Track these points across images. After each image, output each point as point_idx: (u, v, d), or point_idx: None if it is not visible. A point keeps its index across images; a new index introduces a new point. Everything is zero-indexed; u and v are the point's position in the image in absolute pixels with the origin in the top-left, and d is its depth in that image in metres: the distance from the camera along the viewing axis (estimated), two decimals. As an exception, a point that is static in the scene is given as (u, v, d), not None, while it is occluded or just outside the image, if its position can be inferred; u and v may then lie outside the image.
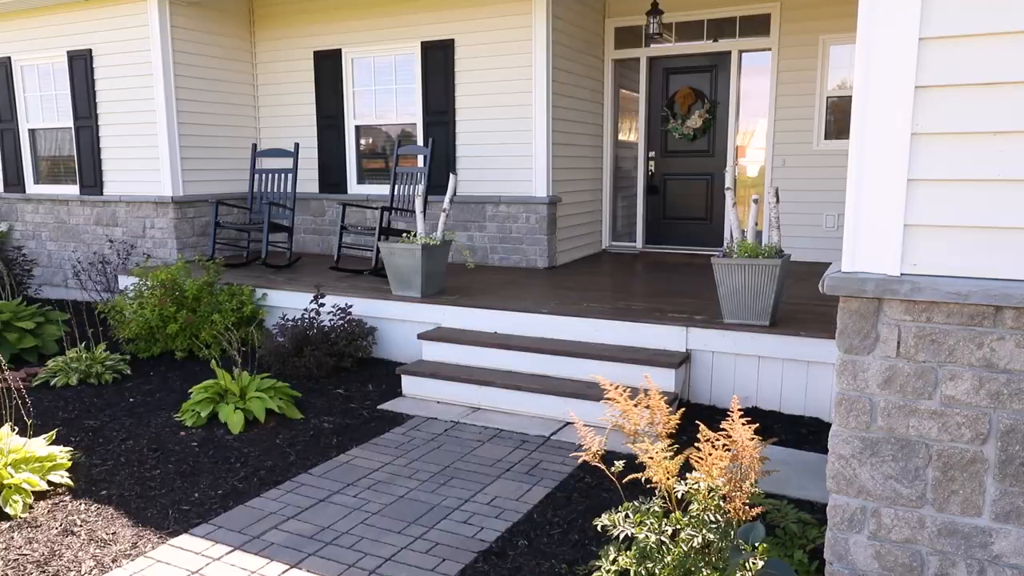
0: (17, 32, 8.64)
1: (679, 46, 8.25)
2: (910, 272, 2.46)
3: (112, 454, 4.31)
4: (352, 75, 8.26)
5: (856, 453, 2.56)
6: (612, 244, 8.94)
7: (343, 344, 5.75)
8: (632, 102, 8.76)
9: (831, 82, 7.57)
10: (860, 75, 2.43)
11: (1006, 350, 2.34)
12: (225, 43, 8.45)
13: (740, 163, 8.32)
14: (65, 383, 5.52)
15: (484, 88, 7.47)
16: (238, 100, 8.67)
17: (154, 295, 6.17)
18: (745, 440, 2.61)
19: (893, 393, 2.49)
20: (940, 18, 2.32)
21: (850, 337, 2.53)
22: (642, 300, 5.74)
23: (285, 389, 4.98)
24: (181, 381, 5.67)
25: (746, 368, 4.84)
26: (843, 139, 7.60)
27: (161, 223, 8.05)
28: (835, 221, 7.65)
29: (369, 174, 8.45)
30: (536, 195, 7.37)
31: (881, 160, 2.43)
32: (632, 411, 2.86)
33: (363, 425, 4.75)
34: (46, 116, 8.75)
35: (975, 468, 2.41)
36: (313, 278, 6.85)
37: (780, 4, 7.62)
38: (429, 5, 7.62)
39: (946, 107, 2.36)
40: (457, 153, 7.70)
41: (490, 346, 5.28)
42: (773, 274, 4.64)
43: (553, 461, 4.16)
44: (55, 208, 8.87)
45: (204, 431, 4.64)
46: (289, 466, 4.12)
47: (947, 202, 2.39)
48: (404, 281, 5.93)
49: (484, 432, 4.62)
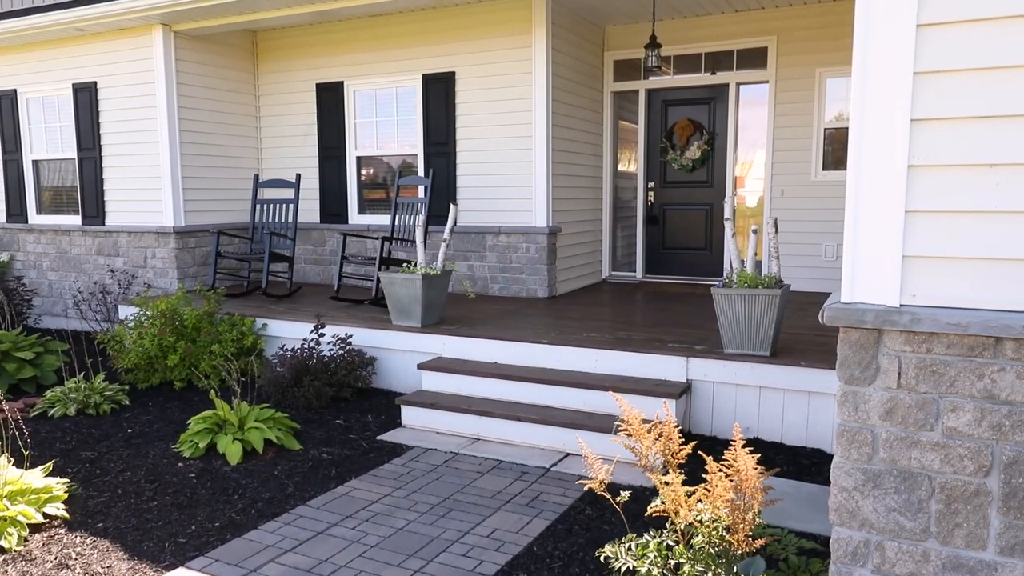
0: (23, 65, 8.76)
1: (677, 78, 8.35)
2: (909, 303, 2.46)
3: (109, 485, 4.27)
4: (354, 107, 8.35)
5: (858, 485, 2.54)
6: (612, 274, 8.95)
7: (343, 374, 5.73)
8: (631, 133, 8.84)
9: (828, 114, 7.65)
10: (856, 108, 2.46)
11: (1007, 381, 2.34)
12: (229, 75, 8.56)
13: (739, 193, 8.37)
14: (63, 414, 5.50)
15: (485, 119, 7.55)
16: (240, 131, 8.76)
17: (154, 325, 6.16)
18: (748, 469, 2.59)
19: (895, 424, 2.48)
20: (934, 53, 2.36)
21: (851, 368, 2.53)
22: (642, 330, 5.74)
23: (284, 420, 4.96)
24: (180, 411, 5.65)
25: (747, 398, 4.82)
26: (841, 170, 7.66)
27: (162, 253, 8.07)
28: (834, 251, 7.67)
29: (370, 204, 8.50)
30: (536, 225, 7.41)
31: (878, 192, 2.45)
32: (646, 438, 2.84)
33: (362, 456, 4.71)
34: (50, 147, 8.82)
35: (979, 501, 2.39)
36: (313, 308, 6.86)
37: (777, 38, 7.73)
38: (430, 39, 7.73)
39: (942, 140, 2.38)
40: (458, 183, 7.76)
41: (490, 376, 5.26)
42: (773, 304, 4.65)
43: (553, 493, 4.13)
44: (57, 238, 8.91)
45: (202, 462, 4.60)
46: (287, 498, 4.08)
47: (945, 233, 2.41)
48: (404, 311, 5.94)
49: (484, 463, 4.59)
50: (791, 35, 7.67)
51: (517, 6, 7.23)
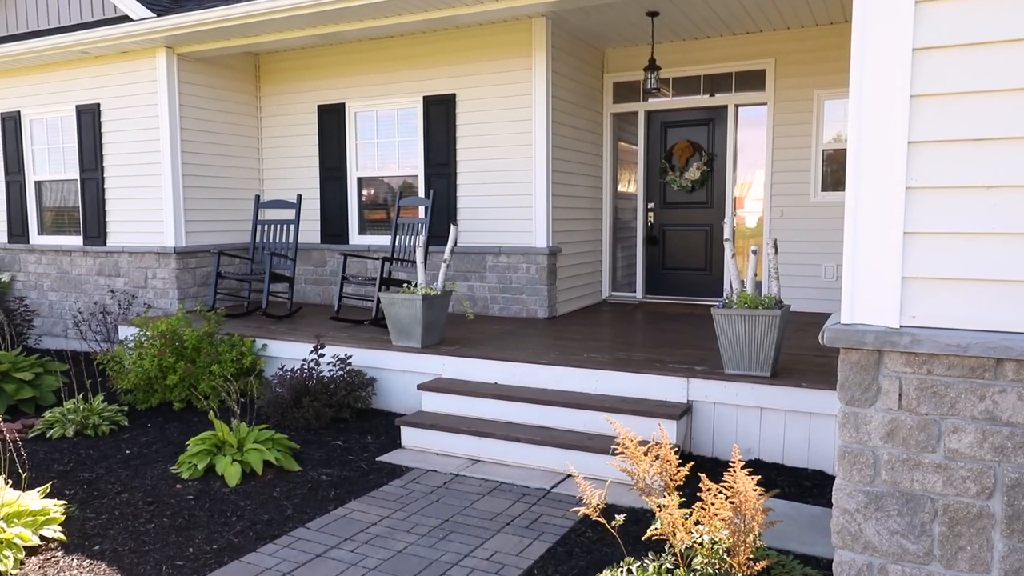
0: (27, 87, 8.83)
1: (676, 100, 8.41)
2: (909, 324, 2.46)
3: (106, 507, 4.24)
4: (355, 128, 8.40)
5: (861, 507, 2.53)
6: (612, 294, 8.96)
7: (342, 395, 5.72)
8: (631, 154, 8.89)
9: (827, 135, 7.69)
10: (854, 131, 2.48)
11: (1008, 403, 2.33)
12: (231, 97, 8.62)
13: (738, 214, 8.40)
14: (61, 435, 5.48)
15: (485, 141, 7.60)
16: (242, 152, 8.81)
17: (154, 345, 6.16)
18: (748, 491, 2.58)
19: (896, 446, 2.47)
20: (930, 76, 2.38)
21: (851, 389, 2.52)
22: (643, 351, 5.73)
23: (283, 441, 4.94)
24: (178, 432, 5.63)
25: (748, 419, 4.81)
26: (840, 191, 7.69)
27: (163, 273, 8.09)
28: (834, 271, 7.68)
29: (370, 225, 8.52)
30: (536, 245, 7.42)
31: (877, 214, 2.46)
32: (642, 460, 2.83)
33: (361, 477, 4.69)
34: (52, 168, 8.87)
35: (982, 523, 2.38)
36: (313, 328, 6.85)
37: (775, 60, 7.80)
38: (431, 61, 7.79)
39: (940, 162, 2.40)
40: (458, 204, 7.79)
41: (490, 397, 5.25)
42: (773, 324, 4.65)
43: (554, 515, 4.10)
44: (58, 258, 8.92)
45: (200, 484, 4.58)
46: (286, 520, 4.06)
47: (944, 255, 2.41)
48: (404, 331, 5.93)
49: (484, 485, 4.56)
50: (789, 58, 7.74)
51: (517, 29, 7.30)
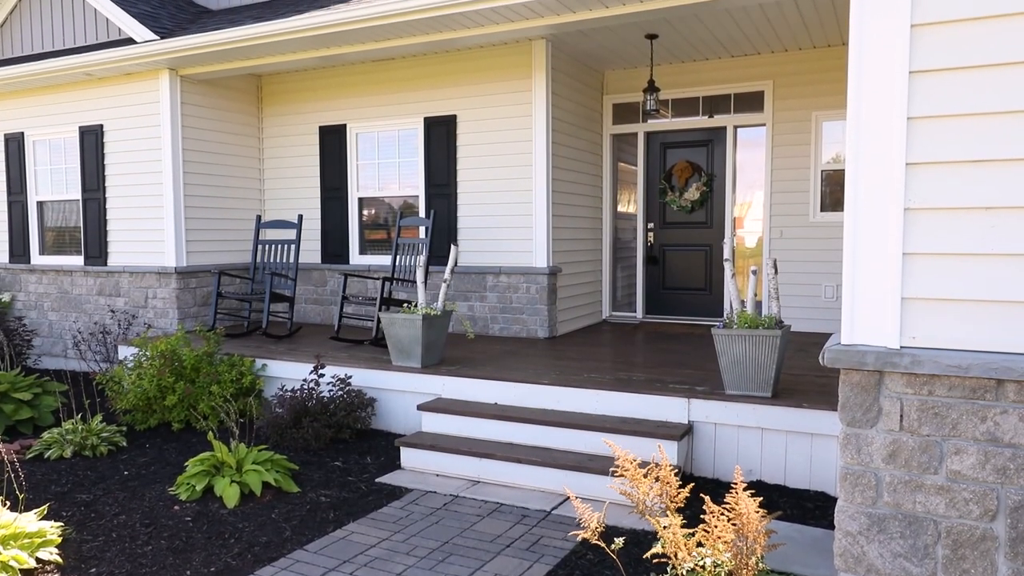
0: (31, 108, 8.89)
1: (675, 121, 8.46)
2: (910, 345, 2.46)
3: (104, 529, 4.21)
4: (356, 149, 8.45)
5: (863, 530, 2.51)
6: (612, 314, 8.95)
7: (342, 415, 5.70)
8: (631, 175, 8.93)
9: (825, 155, 7.73)
10: (851, 153, 2.50)
11: (1010, 424, 2.33)
12: (233, 118, 8.68)
13: (738, 234, 8.42)
14: (59, 455, 5.45)
15: (485, 161, 7.63)
16: (243, 172, 8.85)
17: (153, 366, 6.14)
18: (750, 512, 2.56)
19: (898, 468, 2.46)
20: (927, 99, 2.40)
21: (852, 410, 2.51)
22: (643, 371, 5.72)
23: (282, 462, 4.91)
24: (177, 453, 5.60)
25: (749, 440, 4.78)
26: (839, 211, 7.71)
27: (163, 293, 8.09)
28: (834, 292, 7.68)
29: (371, 245, 8.54)
30: (536, 266, 7.43)
31: (876, 235, 2.47)
32: (642, 482, 2.81)
33: (361, 499, 4.66)
34: (55, 189, 8.91)
35: (985, 546, 2.36)
36: (313, 348, 6.84)
37: (773, 82, 7.86)
38: (432, 83, 7.86)
39: (938, 183, 2.41)
40: (458, 224, 7.81)
41: (490, 418, 5.23)
42: (774, 344, 4.64)
43: (555, 537, 4.07)
44: (58, 278, 8.93)
45: (199, 505, 4.55)
46: (284, 542, 4.03)
47: (943, 276, 2.42)
48: (404, 351, 5.92)
49: (484, 506, 4.53)
50: (787, 79, 7.80)
51: (518, 51, 7.36)
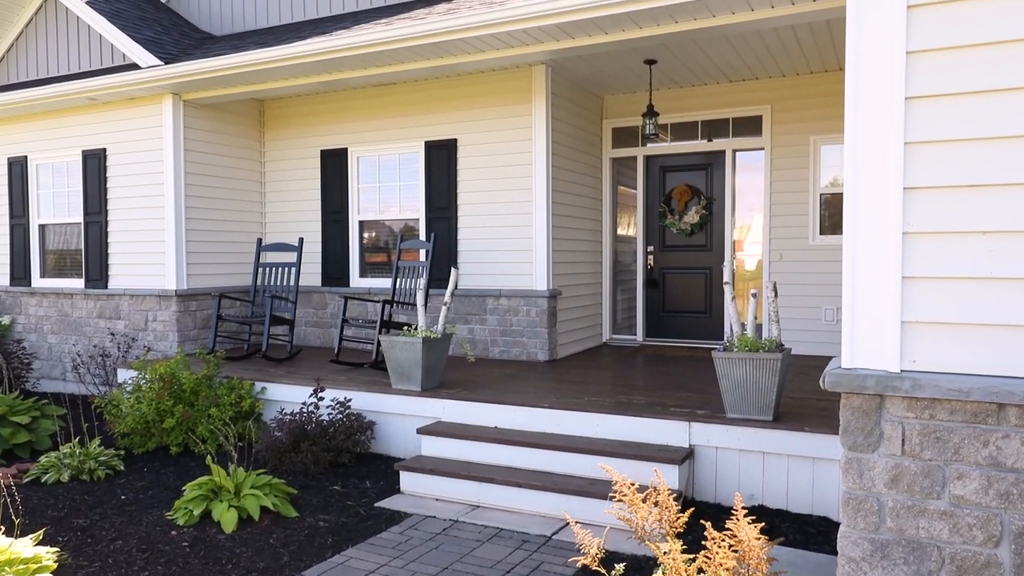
0: (35, 132, 8.96)
1: (675, 145, 8.52)
2: (910, 368, 2.46)
3: (100, 555, 4.18)
4: (357, 172, 8.49)
5: (866, 556, 2.49)
6: (612, 337, 8.94)
7: (341, 439, 5.67)
8: (630, 198, 8.97)
9: (823, 179, 7.77)
10: (849, 177, 2.51)
11: (1012, 448, 2.32)
12: (235, 142, 8.74)
13: (738, 257, 8.43)
14: (57, 479, 5.41)
15: (486, 185, 7.67)
16: (245, 196, 8.89)
17: (152, 389, 6.12)
18: (751, 540, 2.54)
19: (901, 492, 2.44)
20: (924, 124, 2.42)
21: (854, 434, 2.50)
22: (644, 394, 5.70)
23: (281, 486, 4.88)
24: (175, 477, 5.56)
25: (751, 464, 4.75)
26: (838, 234, 7.73)
27: (163, 316, 8.09)
28: (834, 315, 7.68)
29: (371, 268, 8.56)
30: (537, 288, 7.44)
31: (875, 259, 2.48)
32: (641, 507, 2.79)
33: (360, 524, 4.62)
34: (57, 212, 8.94)
35: (990, 573, 2.34)
36: (313, 371, 6.83)
37: (771, 107, 7.92)
38: (433, 107, 7.92)
39: (935, 208, 2.42)
40: (459, 247, 7.83)
41: (490, 441, 5.20)
42: (774, 368, 4.63)
43: (555, 563, 4.03)
44: (59, 301, 8.94)
45: (196, 530, 4.51)
46: (282, 568, 3.99)
47: (943, 299, 2.42)
48: (404, 374, 5.91)
49: (484, 531, 4.50)
50: (785, 104, 7.86)
51: (518, 76, 7.43)
